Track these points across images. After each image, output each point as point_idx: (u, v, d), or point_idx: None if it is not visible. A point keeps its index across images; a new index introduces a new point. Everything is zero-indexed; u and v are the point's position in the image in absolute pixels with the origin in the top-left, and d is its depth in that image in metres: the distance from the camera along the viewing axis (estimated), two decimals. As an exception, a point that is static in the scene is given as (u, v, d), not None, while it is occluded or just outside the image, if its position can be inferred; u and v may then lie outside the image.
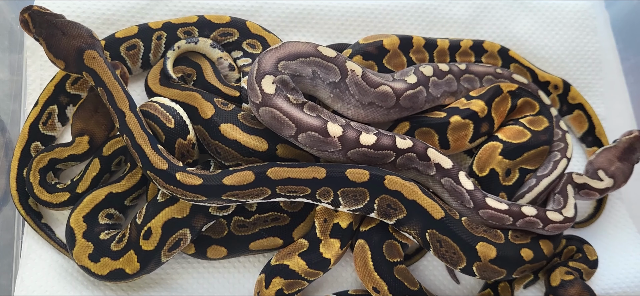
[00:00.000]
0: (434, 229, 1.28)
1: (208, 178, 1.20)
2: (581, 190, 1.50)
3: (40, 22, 1.28)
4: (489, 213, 1.33)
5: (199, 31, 1.50)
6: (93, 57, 1.26)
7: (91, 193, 1.34)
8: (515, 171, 1.46)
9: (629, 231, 1.67)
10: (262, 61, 1.27)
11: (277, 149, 1.29)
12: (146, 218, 1.27)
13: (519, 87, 1.53)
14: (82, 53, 1.26)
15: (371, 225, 1.35)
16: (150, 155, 1.22)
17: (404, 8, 1.75)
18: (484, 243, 1.31)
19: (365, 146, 1.25)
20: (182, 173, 1.20)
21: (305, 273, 1.31)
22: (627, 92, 1.85)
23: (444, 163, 1.32)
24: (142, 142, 1.23)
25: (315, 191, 1.24)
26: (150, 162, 1.22)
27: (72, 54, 1.26)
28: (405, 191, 1.26)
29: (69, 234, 1.31)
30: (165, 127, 1.31)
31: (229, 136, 1.28)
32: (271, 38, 1.53)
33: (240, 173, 1.21)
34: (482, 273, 1.33)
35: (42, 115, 1.43)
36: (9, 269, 1.37)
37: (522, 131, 1.49)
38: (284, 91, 1.24)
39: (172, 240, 1.27)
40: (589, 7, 1.88)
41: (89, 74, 1.27)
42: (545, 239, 1.38)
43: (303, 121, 1.21)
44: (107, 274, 1.28)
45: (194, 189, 1.19)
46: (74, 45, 1.26)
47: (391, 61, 1.52)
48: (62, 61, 1.27)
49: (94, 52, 1.27)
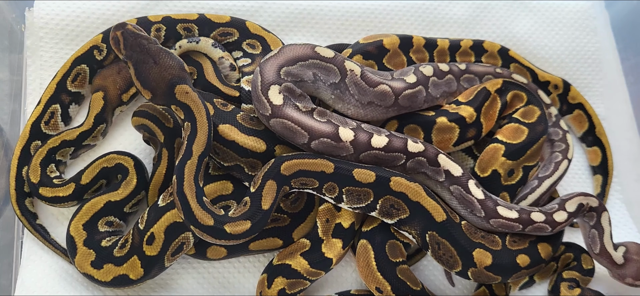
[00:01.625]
0: (434, 231, 1.28)
1: (252, 215, 1.19)
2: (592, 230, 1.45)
3: (132, 45, 1.19)
4: (500, 222, 1.33)
5: (199, 29, 1.50)
6: (186, 93, 1.19)
7: (89, 200, 1.32)
8: (518, 171, 1.46)
9: (630, 231, 1.67)
10: (263, 71, 1.26)
11: (275, 150, 1.29)
12: (148, 223, 1.25)
13: (503, 81, 1.51)
14: (173, 87, 1.19)
15: (373, 225, 1.35)
16: (195, 210, 1.16)
17: (404, 8, 1.75)
18: (481, 249, 1.31)
19: (376, 149, 1.26)
20: (231, 224, 1.17)
21: (307, 272, 1.31)
22: (627, 92, 1.85)
23: (454, 170, 1.32)
24: (188, 193, 1.17)
25: (323, 184, 1.25)
26: (195, 216, 1.16)
27: (162, 86, 1.19)
28: (409, 192, 1.26)
29: (69, 242, 1.29)
30: (164, 127, 1.31)
31: (227, 137, 1.28)
32: (271, 38, 1.53)
33: (268, 188, 1.21)
34: (476, 278, 1.33)
35: (45, 114, 1.42)
36: (9, 269, 1.37)
37: (519, 128, 1.48)
38: (292, 100, 1.25)
39: (175, 244, 1.26)
40: (589, 7, 1.88)
41: (180, 108, 1.20)
42: (543, 242, 1.38)
43: (315, 129, 1.22)
44: (111, 280, 1.26)
45: (246, 234, 1.18)
46: (165, 77, 1.18)
47: (391, 61, 1.52)
48: (150, 92, 1.20)
49: (187, 87, 1.19)
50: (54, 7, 1.51)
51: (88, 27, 1.51)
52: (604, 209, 1.42)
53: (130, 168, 1.36)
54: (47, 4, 1.51)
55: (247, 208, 1.20)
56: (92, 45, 1.45)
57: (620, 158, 1.76)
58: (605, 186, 1.72)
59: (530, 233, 1.36)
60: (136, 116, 1.37)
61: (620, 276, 1.41)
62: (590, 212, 1.41)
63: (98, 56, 1.45)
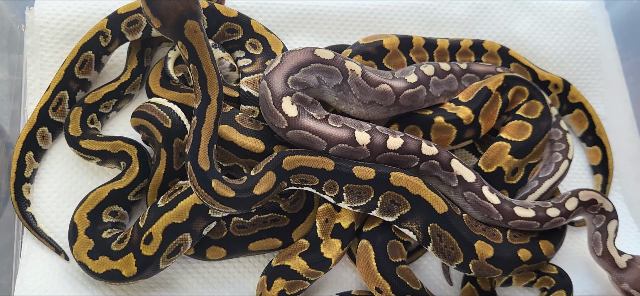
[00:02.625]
0: (436, 223, 1.28)
1: (240, 190, 1.18)
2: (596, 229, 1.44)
3: None
4: (518, 222, 1.34)
5: (208, 20, 1.48)
6: (195, 31, 1.16)
7: (94, 190, 1.34)
8: (521, 169, 1.46)
9: (630, 231, 1.67)
10: (271, 83, 1.26)
11: (273, 150, 1.29)
12: (148, 223, 1.26)
13: (505, 76, 1.51)
14: (183, 21, 1.15)
15: (374, 225, 1.35)
16: (202, 149, 1.17)
17: (403, 8, 1.75)
18: (482, 241, 1.31)
19: (391, 150, 1.27)
20: (217, 182, 1.17)
21: (306, 273, 1.31)
22: (627, 92, 1.85)
23: (467, 176, 1.32)
24: (204, 134, 1.17)
25: (323, 182, 1.25)
26: (197, 155, 1.17)
27: (172, 16, 1.15)
28: (410, 186, 1.27)
29: (71, 230, 1.30)
30: (163, 128, 1.31)
31: (225, 138, 1.28)
32: (272, 39, 1.52)
33: (265, 178, 1.20)
34: (478, 271, 1.33)
35: (53, 100, 1.43)
36: (9, 269, 1.37)
37: (523, 124, 1.48)
38: (306, 109, 1.25)
39: (173, 246, 1.26)
40: (589, 7, 1.88)
41: (185, 47, 1.17)
42: (545, 239, 1.38)
43: (333, 136, 1.24)
44: (103, 273, 1.27)
45: (225, 200, 1.18)
46: (177, 7, 1.15)
47: (391, 61, 1.52)
48: (159, 20, 1.16)
49: (196, 25, 1.16)
50: (54, 7, 1.52)
51: (88, 27, 1.51)
52: (614, 217, 1.41)
53: (133, 156, 1.37)
54: (47, 4, 1.52)
55: (240, 182, 1.20)
56: (97, 31, 1.44)
57: (620, 158, 1.77)
58: (606, 186, 1.72)
59: (548, 229, 1.37)
60: (135, 117, 1.37)
61: (618, 280, 1.40)
62: (600, 214, 1.41)
63: (103, 41, 1.44)
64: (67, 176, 1.44)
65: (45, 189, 1.43)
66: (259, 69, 1.45)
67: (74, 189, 1.43)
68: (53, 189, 1.43)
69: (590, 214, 1.42)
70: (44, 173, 1.44)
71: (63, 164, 1.46)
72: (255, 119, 1.34)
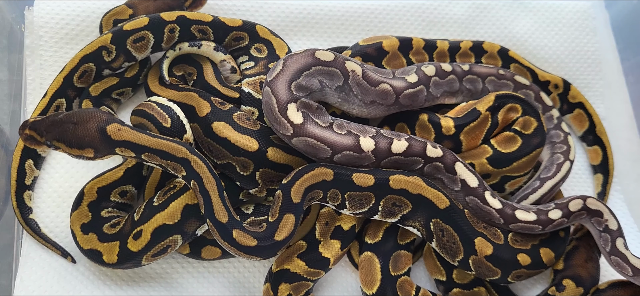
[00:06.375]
0: (439, 218, 1.29)
1: (262, 238, 1.20)
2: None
3: (46, 128, 1.17)
4: (520, 226, 1.34)
5: (214, 32, 1.47)
6: (118, 130, 1.19)
7: (112, 169, 1.35)
8: (495, 177, 1.45)
9: (630, 230, 1.67)
10: (275, 90, 1.25)
11: (267, 151, 1.29)
12: (141, 219, 1.26)
13: (496, 95, 1.48)
14: (104, 131, 1.18)
15: (377, 239, 1.36)
16: (215, 203, 1.18)
17: (403, 8, 1.75)
18: (482, 238, 1.31)
19: (396, 154, 1.27)
20: (238, 232, 1.18)
21: (306, 273, 1.31)
22: (627, 92, 1.85)
23: (470, 181, 1.32)
24: (210, 188, 1.19)
25: (327, 193, 1.26)
26: (213, 210, 1.18)
27: (95, 137, 1.18)
28: (409, 187, 1.27)
29: (77, 198, 1.32)
30: (162, 127, 1.31)
31: (219, 134, 1.28)
32: (278, 42, 1.51)
33: (285, 221, 1.21)
34: (477, 269, 1.33)
35: (51, 106, 1.42)
36: (9, 269, 1.37)
37: (513, 137, 1.47)
38: (311, 116, 1.25)
39: (160, 247, 1.26)
40: (588, 7, 1.88)
41: (125, 148, 1.20)
42: (546, 247, 1.38)
43: (337, 143, 1.23)
44: (87, 250, 1.27)
45: (249, 250, 1.19)
46: (92, 128, 1.18)
47: (390, 63, 1.52)
48: (90, 148, 1.18)
49: (116, 125, 1.19)
50: (54, 7, 1.51)
51: (88, 27, 1.51)
52: (619, 235, 1.37)
53: None
54: (46, 4, 1.51)
55: (261, 230, 1.22)
56: (100, 45, 1.40)
57: (620, 158, 1.76)
58: (606, 185, 1.72)
59: (551, 231, 1.36)
60: (134, 115, 1.37)
61: None
62: (605, 233, 1.39)
63: (107, 57, 1.42)
64: (67, 176, 1.44)
65: (45, 189, 1.43)
66: (261, 71, 1.45)
67: (74, 190, 1.42)
68: (53, 189, 1.43)
69: (595, 224, 1.40)
70: (44, 174, 1.44)
71: (63, 164, 1.45)
72: (253, 120, 1.33)
